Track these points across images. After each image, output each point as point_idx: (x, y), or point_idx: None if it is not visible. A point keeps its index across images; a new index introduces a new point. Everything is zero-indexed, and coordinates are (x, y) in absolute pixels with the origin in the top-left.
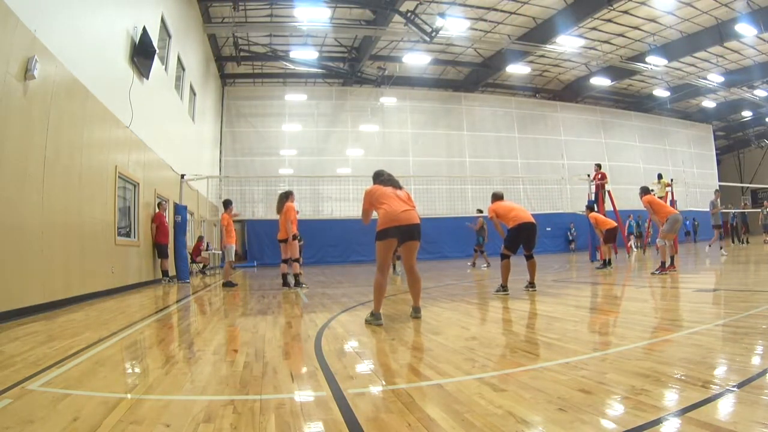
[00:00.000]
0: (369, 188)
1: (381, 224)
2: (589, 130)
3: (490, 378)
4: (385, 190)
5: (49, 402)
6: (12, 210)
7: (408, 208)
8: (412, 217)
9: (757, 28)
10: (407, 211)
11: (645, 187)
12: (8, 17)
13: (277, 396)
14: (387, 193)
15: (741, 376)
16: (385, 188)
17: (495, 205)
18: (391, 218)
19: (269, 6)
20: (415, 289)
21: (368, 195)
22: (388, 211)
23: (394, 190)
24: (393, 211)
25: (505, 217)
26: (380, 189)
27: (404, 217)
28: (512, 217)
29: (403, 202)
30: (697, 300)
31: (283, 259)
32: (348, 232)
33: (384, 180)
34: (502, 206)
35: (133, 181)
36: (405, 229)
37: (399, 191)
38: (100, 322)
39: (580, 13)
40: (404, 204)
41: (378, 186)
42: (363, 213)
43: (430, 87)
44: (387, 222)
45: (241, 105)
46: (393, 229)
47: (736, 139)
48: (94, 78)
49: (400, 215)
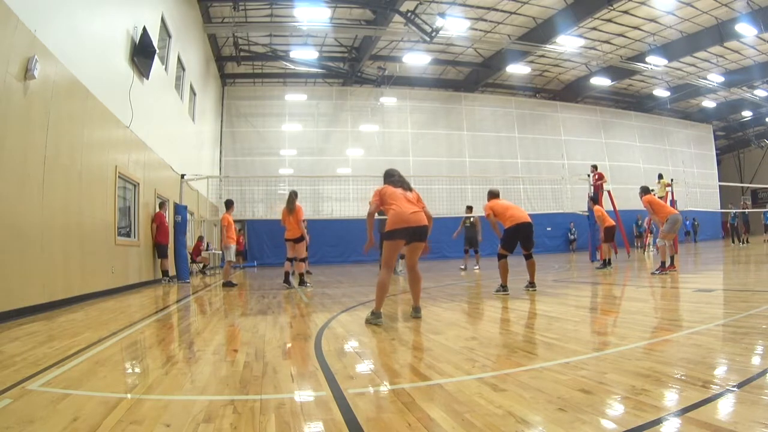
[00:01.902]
0: (379, 187)
1: (390, 225)
2: (589, 130)
3: (490, 378)
4: (394, 191)
5: (49, 402)
6: (12, 210)
7: (416, 210)
8: (419, 218)
9: (757, 28)
10: (416, 213)
11: (645, 187)
12: (8, 17)
13: (277, 396)
14: (396, 194)
15: (741, 376)
16: (395, 189)
17: (492, 203)
18: (401, 219)
19: (269, 6)
20: (416, 289)
21: (378, 194)
22: (397, 212)
23: (404, 191)
24: (402, 212)
25: (502, 216)
26: (390, 189)
27: (413, 219)
28: (509, 217)
29: (411, 203)
30: (697, 300)
31: (288, 258)
32: (348, 232)
33: (395, 181)
34: (498, 204)
35: (133, 181)
36: (413, 231)
37: (408, 193)
38: (100, 322)
39: (580, 13)
40: (413, 206)
41: (388, 186)
42: (369, 213)
43: (430, 87)
44: (396, 223)
45: (241, 105)
46: (401, 230)
47: (736, 139)
48: (94, 78)
49: (410, 217)
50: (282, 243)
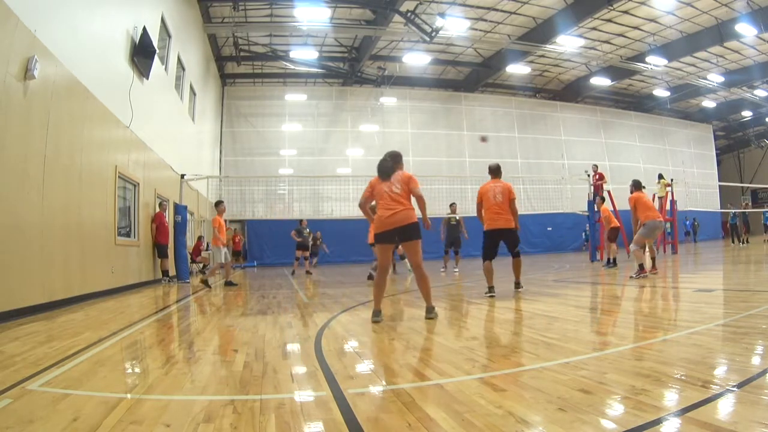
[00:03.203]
0: (373, 179)
1: (374, 229)
2: (589, 130)
3: (490, 378)
4: (380, 188)
5: (49, 402)
6: (12, 210)
7: (396, 211)
8: (399, 219)
9: (757, 28)
10: (394, 214)
11: (638, 182)
12: (8, 17)
13: (277, 396)
14: (382, 192)
15: (741, 376)
16: (381, 185)
17: (482, 189)
18: (380, 224)
19: (269, 6)
20: (423, 289)
21: (369, 187)
22: (378, 216)
23: (389, 185)
24: (379, 217)
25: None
26: (377, 186)
27: (391, 222)
28: (486, 218)
29: (394, 201)
30: (697, 300)
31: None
32: (348, 232)
33: (380, 173)
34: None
35: (133, 181)
36: (395, 232)
37: (394, 186)
38: (100, 322)
39: (580, 13)
40: (395, 204)
41: (376, 181)
42: (360, 204)
43: (430, 87)
44: (377, 228)
45: (241, 105)
46: (379, 235)
47: (736, 139)
48: (94, 78)
49: (387, 221)
50: (280, 243)
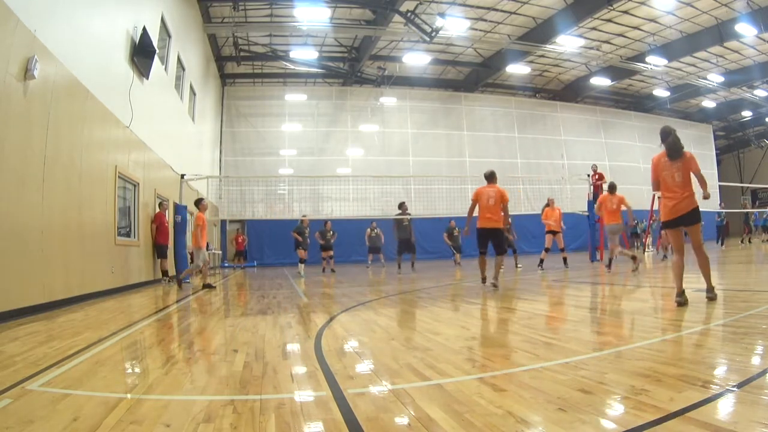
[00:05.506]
0: (479, 188)
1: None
2: (589, 130)
3: (490, 378)
4: (480, 194)
5: (49, 402)
6: (12, 210)
7: (488, 217)
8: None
9: (757, 28)
10: (486, 220)
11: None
12: (8, 17)
13: (277, 396)
14: (482, 199)
15: (741, 376)
16: (484, 191)
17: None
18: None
19: (269, 6)
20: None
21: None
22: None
23: (487, 195)
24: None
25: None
26: (480, 192)
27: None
28: (479, 218)
29: (488, 208)
30: (697, 300)
31: None
32: (348, 232)
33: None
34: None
35: (133, 181)
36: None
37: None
38: (100, 322)
39: (580, 13)
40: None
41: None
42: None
43: (430, 87)
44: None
45: (241, 105)
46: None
47: (736, 139)
48: (94, 78)
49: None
50: (280, 243)
